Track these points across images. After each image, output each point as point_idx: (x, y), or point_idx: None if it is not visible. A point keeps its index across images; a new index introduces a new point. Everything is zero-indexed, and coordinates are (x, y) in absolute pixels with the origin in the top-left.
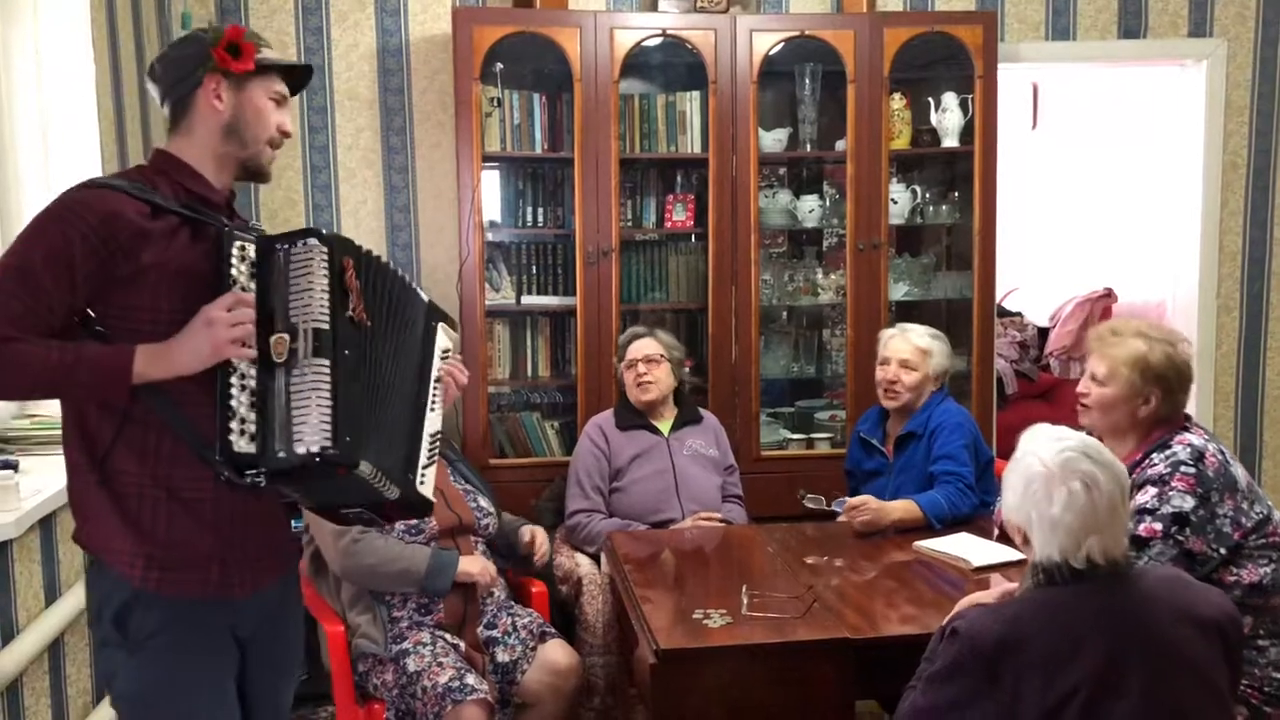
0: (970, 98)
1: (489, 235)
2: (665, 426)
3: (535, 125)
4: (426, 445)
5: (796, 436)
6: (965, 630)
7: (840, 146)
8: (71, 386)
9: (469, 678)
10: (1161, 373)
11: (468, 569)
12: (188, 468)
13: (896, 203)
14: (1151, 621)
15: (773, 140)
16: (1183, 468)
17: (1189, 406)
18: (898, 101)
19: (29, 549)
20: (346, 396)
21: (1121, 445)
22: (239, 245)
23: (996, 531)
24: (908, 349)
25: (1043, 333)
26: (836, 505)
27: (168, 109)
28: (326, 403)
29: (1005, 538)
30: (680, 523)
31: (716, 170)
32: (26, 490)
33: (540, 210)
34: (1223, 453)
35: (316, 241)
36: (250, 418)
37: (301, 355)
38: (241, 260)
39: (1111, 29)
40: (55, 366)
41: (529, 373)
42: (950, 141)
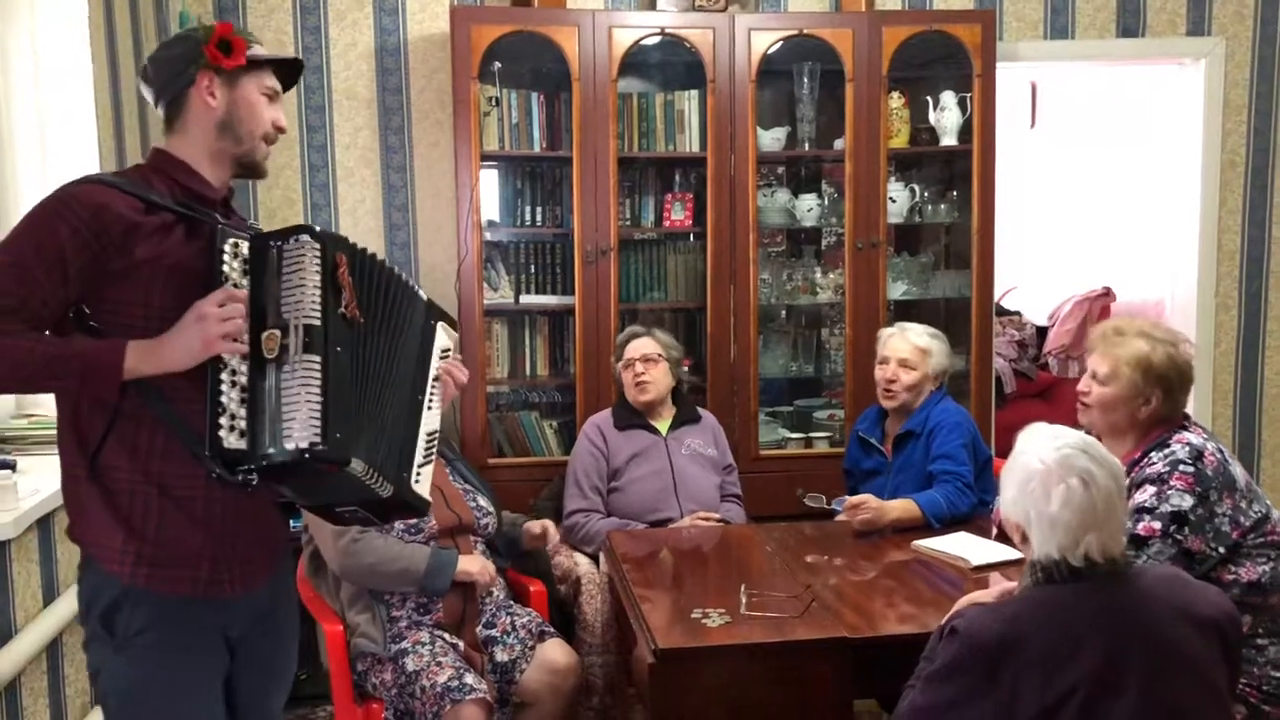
0: (969, 96)
1: (487, 234)
2: (663, 426)
3: (533, 124)
4: (423, 444)
5: (795, 436)
6: (964, 629)
7: (839, 145)
8: (62, 381)
9: (468, 677)
10: (1163, 373)
11: (467, 568)
12: (179, 464)
13: (895, 201)
14: (1150, 620)
15: (771, 139)
16: (1181, 466)
17: (1187, 405)
18: (896, 100)
19: (27, 549)
20: (337, 393)
21: (1120, 444)
22: (232, 242)
23: (995, 530)
24: (907, 348)
25: (1041, 332)
26: (836, 504)
27: (162, 109)
28: (317, 399)
29: (1004, 537)
30: (678, 522)
31: (715, 169)
32: (24, 490)
33: (539, 209)
34: (1221, 451)
35: (309, 238)
36: (240, 414)
37: (293, 351)
38: (234, 257)
39: (1110, 28)
40: (46, 360)
41: (527, 372)
42: (949, 140)
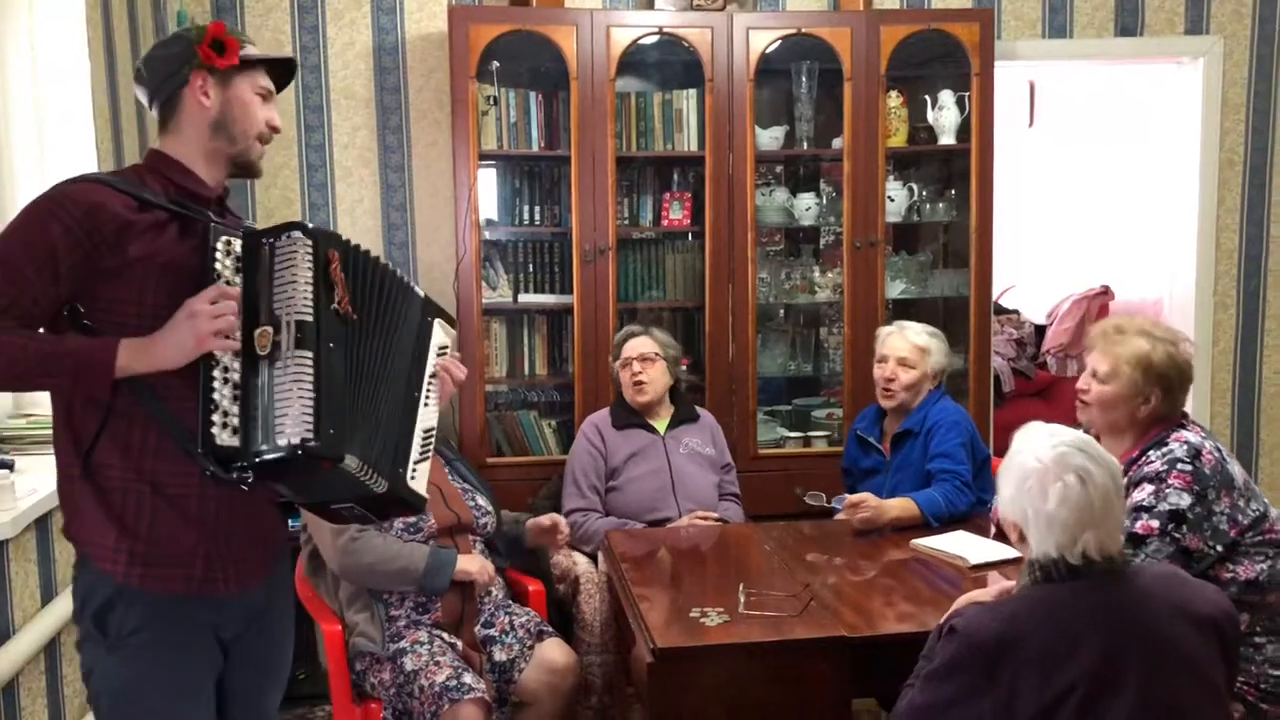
0: (967, 95)
1: (486, 234)
2: (661, 425)
3: (532, 123)
4: (419, 440)
5: (794, 435)
6: (963, 628)
7: (837, 144)
8: (55, 378)
9: (466, 677)
10: (1163, 372)
11: (466, 568)
12: (172, 462)
13: (893, 200)
14: (1148, 619)
15: (769, 138)
16: (1179, 465)
17: (1186, 404)
18: (894, 99)
19: (25, 549)
20: (330, 389)
21: (1119, 442)
22: (224, 239)
23: (993, 529)
24: (905, 347)
25: (1040, 330)
26: (836, 503)
27: (156, 110)
28: (309, 394)
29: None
30: (677, 521)
31: (713, 168)
32: (22, 490)
33: (537, 208)
34: (1219, 450)
35: (301, 235)
36: (233, 410)
37: (285, 348)
38: (226, 254)
39: (1108, 27)
40: (39, 358)
41: (526, 371)
42: (947, 139)
